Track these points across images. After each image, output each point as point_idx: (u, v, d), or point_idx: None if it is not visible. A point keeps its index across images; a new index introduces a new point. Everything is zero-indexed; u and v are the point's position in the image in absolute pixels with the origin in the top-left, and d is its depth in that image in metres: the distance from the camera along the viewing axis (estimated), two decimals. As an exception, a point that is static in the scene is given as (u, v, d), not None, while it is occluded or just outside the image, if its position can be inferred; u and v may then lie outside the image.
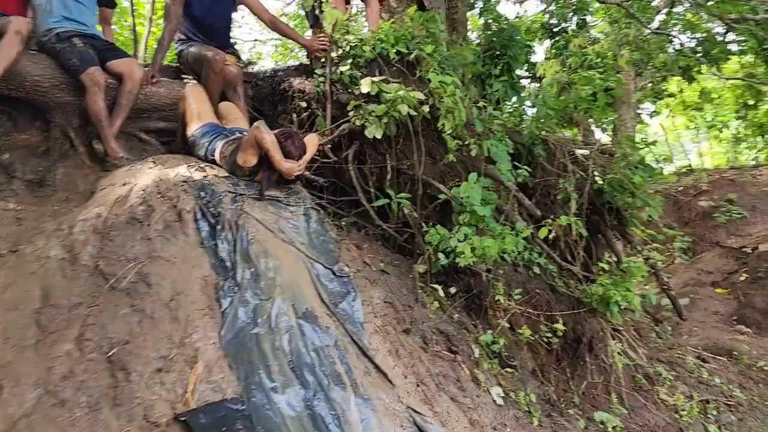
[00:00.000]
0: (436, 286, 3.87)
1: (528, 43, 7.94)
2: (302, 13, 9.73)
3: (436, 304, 3.83)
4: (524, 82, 8.83)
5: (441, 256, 3.73)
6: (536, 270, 4.61)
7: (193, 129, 3.75)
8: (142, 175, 3.40)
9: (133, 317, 2.76)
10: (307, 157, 3.54)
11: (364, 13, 6.80)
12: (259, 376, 2.63)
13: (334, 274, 3.23)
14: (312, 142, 3.65)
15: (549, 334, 4.24)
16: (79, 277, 2.90)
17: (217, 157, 3.60)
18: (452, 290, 4.16)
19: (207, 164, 3.61)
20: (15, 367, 2.50)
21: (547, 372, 4.25)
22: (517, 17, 12.57)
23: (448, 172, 4.48)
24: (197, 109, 3.77)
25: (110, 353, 2.61)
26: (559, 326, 4.23)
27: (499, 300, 4.10)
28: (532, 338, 4.15)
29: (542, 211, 4.72)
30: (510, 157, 4.57)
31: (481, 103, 4.42)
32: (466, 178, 4.06)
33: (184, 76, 4.48)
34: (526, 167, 4.51)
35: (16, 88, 3.73)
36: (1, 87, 3.68)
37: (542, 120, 5.24)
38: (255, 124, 3.39)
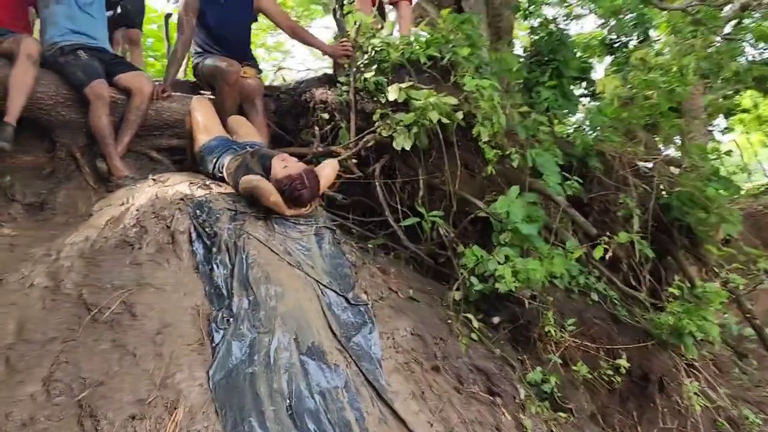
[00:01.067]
0: (469, 316, 3.35)
1: (585, 58, 7.45)
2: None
3: (474, 336, 3.32)
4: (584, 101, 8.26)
5: (474, 280, 3.24)
6: (594, 297, 4.04)
7: (200, 143, 3.45)
8: (140, 194, 3.10)
9: (112, 353, 2.41)
10: (322, 186, 3.17)
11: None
12: (250, 425, 2.21)
13: (348, 302, 2.80)
14: (329, 167, 3.29)
15: (610, 372, 3.65)
16: (59, 307, 2.59)
17: (225, 173, 3.27)
18: (495, 320, 3.64)
19: (214, 181, 3.29)
20: (-31, 413, 2.17)
21: (610, 416, 3.65)
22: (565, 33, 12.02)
23: (488, 187, 4.00)
24: (204, 123, 3.46)
25: (80, 396, 2.26)
26: (623, 362, 3.64)
27: (549, 332, 3.55)
28: (590, 376, 3.57)
29: (600, 230, 4.15)
30: (560, 169, 4.06)
31: (524, 108, 3.93)
32: (508, 193, 3.58)
33: (202, 92, 4.21)
34: (577, 179, 3.97)
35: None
36: (4, 106, 3.49)
37: (597, 128, 4.71)
38: (247, 178, 3.05)
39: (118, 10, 4.75)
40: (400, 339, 2.94)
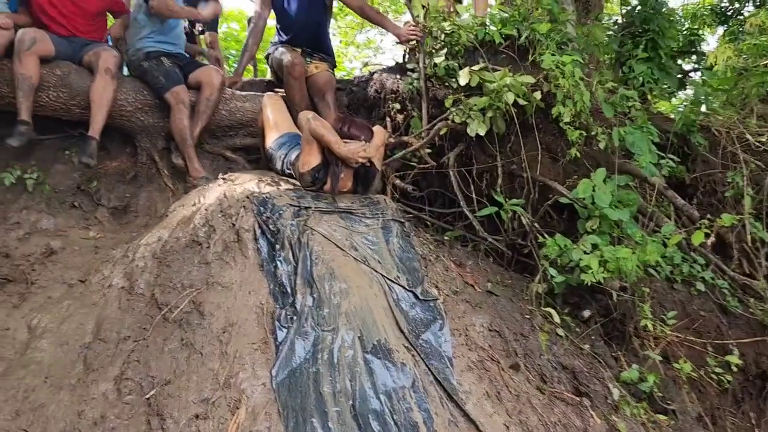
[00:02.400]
0: (550, 311, 3.10)
1: (693, 30, 6.80)
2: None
3: (560, 332, 3.08)
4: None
5: (552, 271, 2.99)
6: (700, 287, 3.63)
7: (270, 141, 3.43)
8: (210, 193, 3.12)
9: (181, 353, 2.42)
10: (376, 142, 3.05)
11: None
12: (312, 426, 2.13)
13: (416, 297, 2.66)
14: (379, 132, 3.16)
15: (720, 369, 3.26)
16: (133, 307, 2.65)
17: (292, 169, 3.22)
18: (585, 314, 3.37)
19: (283, 178, 3.25)
20: (46, 411, 2.25)
21: (721, 418, 3.27)
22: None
23: (574, 172, 3.71)
24: (274, 119, 3.44)
25: (149, 395, 2.29)
26: (734, 358, 3.25)
27: (647, 326, 3.23)
28: (696, 375, 3.21)
29: (705, 213, 3.74)
30: (656, 148, 3.69)
31: (609, 84, 3.60)
32: (595, 177, 3.29)
33: (276, 89, 4.20)
34: (672, 157, 3.59)
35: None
36: (87, 114, 3.64)
37: (701, 101, 4.26)
38: (304, 115, 3.02)
39: None
40: (475, 335, 2.77)
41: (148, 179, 3.72)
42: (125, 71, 4.03)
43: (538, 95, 3.41)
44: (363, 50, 15.72)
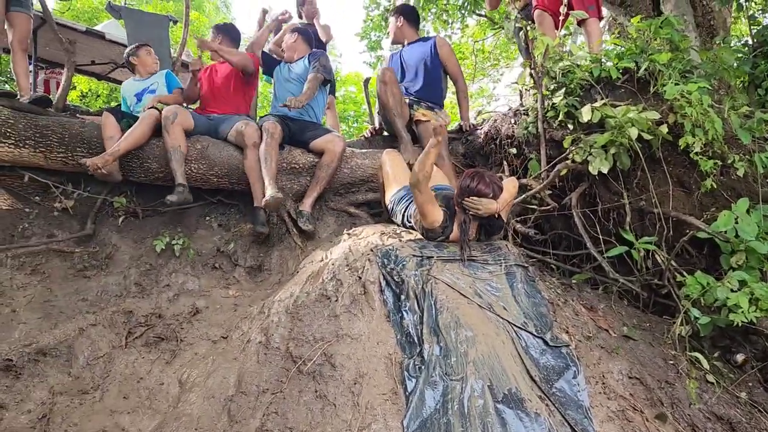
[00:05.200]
0: (698, 355, 2.85)
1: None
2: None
3: (711, 378, 2.82)
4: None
5: (696, 312, 2.77)
6: None
7: (390, 195, 3.53)
8: (337, 248, 3.25)
9: (315, 404, 2.50)
10: (505, 197, 3.02)
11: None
12: (446, 478, 2.10)
13: (546, 343, 2.57)
14: (510, 184, 3.13)
15: None
16: (270, 361, 2.78)
17: (413, 221, 3.29)
18: (738, 358, 3.07)
19: (405, 230, 3.32)
20: (197, 460, 2.40)
21: None
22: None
23: (712, 204, 3.46)
24: (392, 173, 3.54)
25: (287, 446, 2.37)
26: None
27: (814, 370, 2.89)
28: None
29: None
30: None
31: (743, 109, 3.36)
32: (735, 208, 3.06)
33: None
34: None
35: (237, 181, 3.98)
36: (223, 182, 3.96)
37: None
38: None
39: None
40: (613, 383, 2.62)
41: (278, 239, 3.94)
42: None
43: (664, 128, 3.26)
44: (476, 99, 15.87)
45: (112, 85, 10.75)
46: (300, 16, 5.93)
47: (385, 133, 4.89)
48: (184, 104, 4.51)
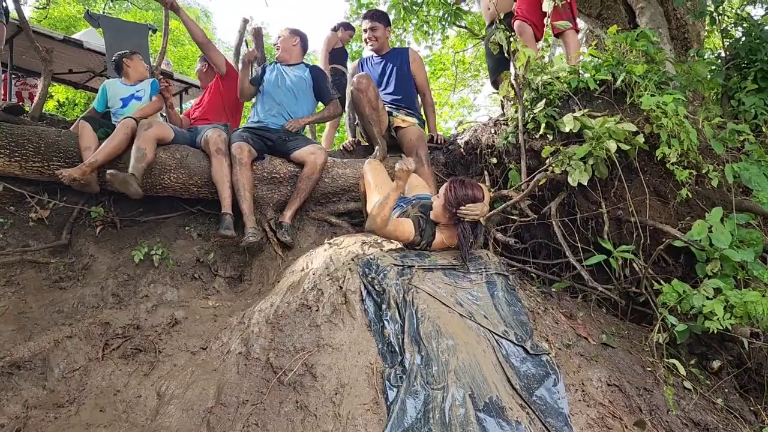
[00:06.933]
0: (675, 362, 2.89)
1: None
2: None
3: (688, 385, 2.86)
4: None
5: (672, 319, 2.81)
6: None
7: (372, 204, 3.53)
8: (317, 258, 3.24)
9: (296, 415, 2.48)
10: (488, 197, 3.05)
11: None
12: (428, 489, 2.09)
13: (526, 352, 2.58)
14: (483, 186, 3.18)
15: None
16: (250, 372, 2.75)
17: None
18: (715, 365, 3.12)
19: (386, 239, 3.31)
20: (172, 476, 2.36)
21: None
22: None
23: (687, 213, 3.52)
24: (374, 183, 3.54)
25: (268, 459, 2.35)
26: None
27: (787, 376, 2.94)
28: None
29: None
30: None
31: (716, 120, 3.43)
32: (710, 217, 3.11)
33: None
34: (799, 190, 3.33)
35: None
36: (203, 192, 3.93)
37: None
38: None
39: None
40: (593, 390, 2.64)
41: (259, 248, 3.92)
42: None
43: (641, 138, 3.31)
44: (457, 109, 15.99)
45: (89, 93, 10.65)
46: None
47: (365, 144, 4.91)
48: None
